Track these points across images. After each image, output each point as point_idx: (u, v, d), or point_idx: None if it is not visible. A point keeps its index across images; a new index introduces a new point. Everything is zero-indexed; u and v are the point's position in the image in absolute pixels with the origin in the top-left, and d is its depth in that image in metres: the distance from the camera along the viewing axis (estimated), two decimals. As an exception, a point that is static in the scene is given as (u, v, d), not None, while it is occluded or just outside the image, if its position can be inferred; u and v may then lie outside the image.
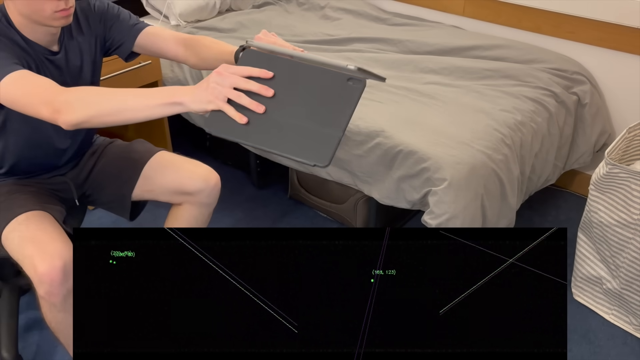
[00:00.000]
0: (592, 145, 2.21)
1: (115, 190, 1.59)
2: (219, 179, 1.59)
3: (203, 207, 1.60)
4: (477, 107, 1.93)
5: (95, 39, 1.50)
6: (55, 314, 1.35)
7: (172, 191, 1.58)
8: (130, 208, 1.61)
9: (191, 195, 1.57)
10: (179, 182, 1.56)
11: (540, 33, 2.32)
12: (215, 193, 1.59)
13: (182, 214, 1.61)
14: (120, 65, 2.14)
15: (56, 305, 1.32)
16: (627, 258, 1.73)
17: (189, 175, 1.56)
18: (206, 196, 1.58)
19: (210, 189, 1.57)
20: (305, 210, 2.39)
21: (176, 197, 1.59)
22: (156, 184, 1.58)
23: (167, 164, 1.60)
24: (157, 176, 1.58)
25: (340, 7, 2.70)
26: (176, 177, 1.57)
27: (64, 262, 1.28)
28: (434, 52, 2.29)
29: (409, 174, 1.74)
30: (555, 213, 2.38)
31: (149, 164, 1.59)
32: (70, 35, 1.44)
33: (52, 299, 1.30)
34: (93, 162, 1.63)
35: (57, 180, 1.57)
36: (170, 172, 1.58)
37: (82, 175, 1.61)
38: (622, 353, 1.78)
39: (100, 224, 2.28)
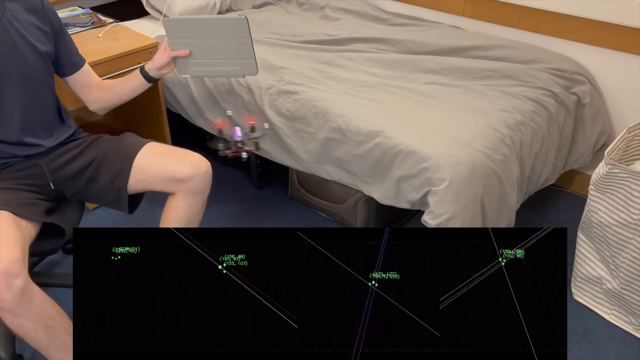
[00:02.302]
0: (592, 145, 2.21)
1: (109, 183, 1.61)
2: (209, 166, 1.63)
3: (197, 195, 1.63)
4: (477, 107, 1.93)
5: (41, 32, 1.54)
6: (11, 320, 1.32)
7: (164, 179, 1.60)
8: (127, 200, 1.62)
9: (183, 183, 1.60)
10: (171, 169, 1.60)
11: (540, 33, 2.32)
12: (207, 179, 1.63)
13: (176, 205, 1.63)
14: (120, 65, 2.14)
15: (8, 311, 1.29)
16: (627, 258, 1.73)
17: (180, 162, 1.60)
18: (198, 182, 1.61)
19: (201, 175, 1.61)
20: (305, 210, 2.39)
21: (169, 185, 1.61)
22: (148, 173, 1.61)
23: (158, 153, 1.64)
24: (149, 165, 1.61)
25: (340, 7, 2.70)
26: (167, 164, 1.60)
27: (3, 266, 1.24)
28: (434, 52, 2.29)
29: (409, 174, 1.74)
30: (555, 213, 2.38)
31: (139, 154, 1.62)
32: (12, 14, 1.47)
33: (1, 305, 1.27)
34: (76, 152, 1.63)
35: (29, 163, 1.57)
36: (161, 160, 1.61)
37: (58, 161, 1.61)
38: (622, 353, 1.78)
39: (100, 223, 2.28)
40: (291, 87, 2.02)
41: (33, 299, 1.32)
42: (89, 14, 2.42)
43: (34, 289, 1.33)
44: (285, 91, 2.02)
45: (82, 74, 1.70)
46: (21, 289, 1.28)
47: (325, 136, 1.91)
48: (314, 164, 2.00)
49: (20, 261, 1.29)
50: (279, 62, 2.18)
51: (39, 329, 1.35)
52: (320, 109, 1.92)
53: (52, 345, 1.39)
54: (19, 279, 1.27)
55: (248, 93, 2.10)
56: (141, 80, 1.70)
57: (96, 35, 2.27)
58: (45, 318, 1.35)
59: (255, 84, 2.08)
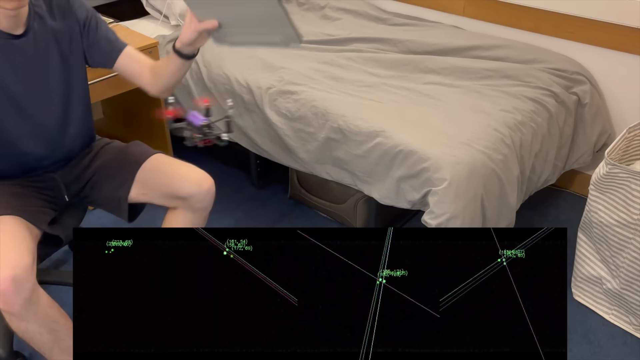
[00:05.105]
0: (592, 145, 2.21)
1: (112, 192, 1.59)
2: (212, 184, 1.58)
3: (198, 211, 1.58)
4: (477, 107, 1.93)
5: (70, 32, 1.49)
6: (17, 324, 1.33)
7: (165, 195, 1.56)
8: (127, 210, 1.59)
9: (184, 200, 1.55)
10: (172, 187, 1.55)
11: (540, 33, 2.32)
12: (209, 198, 1.57)
13: (176, 219, 1.59)
14: (120, 65, 2.14)
15: (15, 315, 1.30)
16: (627, 258, 1.73)
17: (182, 180, 1.55)
18: (199, 201, 1.56)
19: (203, 194, 1.55)
20: (305, 210, 2.39)
21: (170, 201, 1.57)
22: (150, 188, 1.57)
23: (161, 168, 1.58)
24: (151, 180, 1.57)
25: (340, 7, 2.70)
26: (169, 181, 1.55)
27: (14, 272, 1.25)
28: (434, 52, 2.29)
29: (409, 174, 1.74)
30: (555, 213, 2.38)
31: (143, 167, 1.58)
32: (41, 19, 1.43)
33: (9, 309, 1.28)
34: (88, 161, 1.62)
35: (46, 177, 1.56)
36: (164, 176, 1.56)
37: (73, 173, 1.60)
38: (622, 353, 1.78)
39: (100, 224, 2.28)
40: (291, 87, 2.02)
41: (40, 303, 1.33)
42: (89, 14, 2.42)
43: (40, 293, 1.34)
44: (285, 91, 2.02)
45: (126, 59, 1.56)
46: (29, 293, 1.29)
47: (325, 136, 1.91)
48: (314, 164, 2.00)
49: (30, 267, 1.30)
50: (279, 62, 2.18)
51: (44, 333, 1.36)
52: (320, 109, 1.92)
53: (56, 348, 1.40)
54: (28, 284, 1.28)
55: (248, 93, 2.10)
56: (178, 60, 1.47)
57: (96, 35, 2.26)
58: (50, 322, 1.37)
59: (255, 84, 2.08)
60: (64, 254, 2.13)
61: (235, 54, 2.25)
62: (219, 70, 2.19)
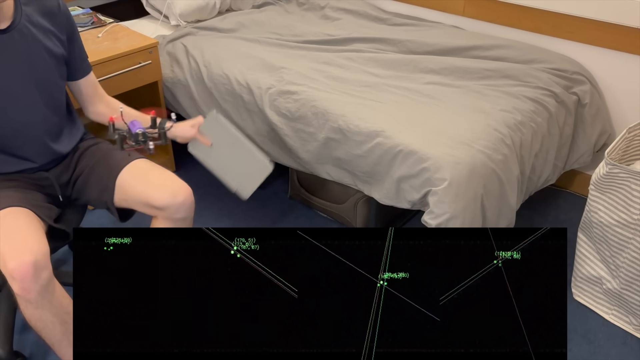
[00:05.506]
0: (592, 145, 2.21)
1: (97, 196, 1.59)
2: (188, 195, 1.53)
3: (178, 221, 1.55)
4: (477, 107, 1.93)
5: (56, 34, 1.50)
6: (32, 312, 1.35)
7: (142, 203, 1.54)
8: (117, 212, 1.60)
9: (161, 210, 1.53)
10: (147, 195, 1.52)
11: (540, 33, 2.32)
12: (185, 209, 1.53)
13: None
14: (120, 65, 2.14)
15: (31, 302, 1.32)
16: (627, 258, 1.73)
17: (158, 189, 1.52)
18: (174, 212, 1.52)
19: (177, 205, 1.51)
20: (305, 210, 2.39)
21: (148, 210, 1.56)
22: (129, 195, 1.55)
23: (139, 175, 1.56)
24: (129, 187, 1.55)
25: (340, 7, 2.70)
26: (144, 189, 1.53)
27: (34, 257, 1.27)
28: (434, 52, 2.30)
29: (409, 174, 1.74)
30: (555, 213, 2.38)
31: (122, 173, 1.56)
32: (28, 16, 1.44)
33: (26, 296, 1.30)
34: (75, 162, 1.63)
35: (41, 176, 1.56)
36: (140, 184, 1.54)
37: (66, 174, 1.61)
38: (622, 353, 1.78)
39: (100, 224, 2.28)
40: (291, 87, 2.02)
41: (55, 293, 1.36)
42: (89, 14, 2.42)
43: (55, 283, 1.37)
44: (285, 91, 2.02)
45: (88, 82, 1.65)
46: (47, 281, 1.31)
47: (325, 136, 1.91)
48: (314, 164, 2.00)
49: (48, 254, 1.32)
50: (279, 62, 2.18)
51: (57, 323, 1.39)
52: (320, 109, 1.92)
53: (65, 340, 1.43)
54: (46, 271, 1.31)
55: (248, 93, 2.10)
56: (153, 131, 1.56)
57: (96, 35, 2.27)
58: (63, 313, 1.39)
59: (255, 84, 2.08)
60: (64, 254, 2.13)
61: (236, 54, 2.25)
62: (219, 70, 2.19)
